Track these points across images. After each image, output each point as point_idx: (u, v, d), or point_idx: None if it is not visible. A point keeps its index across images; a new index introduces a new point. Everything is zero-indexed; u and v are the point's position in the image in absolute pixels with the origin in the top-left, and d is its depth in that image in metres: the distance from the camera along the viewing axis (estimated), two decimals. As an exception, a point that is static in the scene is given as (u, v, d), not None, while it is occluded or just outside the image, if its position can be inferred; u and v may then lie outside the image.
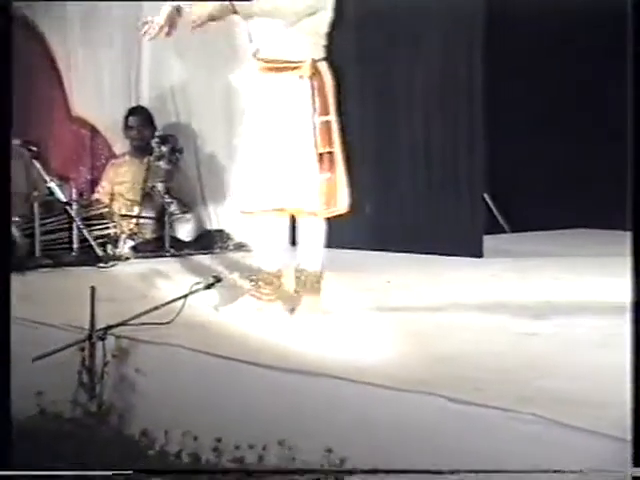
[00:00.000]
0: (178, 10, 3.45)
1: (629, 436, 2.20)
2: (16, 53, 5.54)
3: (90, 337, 2.96)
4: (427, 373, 2.75)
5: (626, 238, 5.91)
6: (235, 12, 3.38)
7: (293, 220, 3.65)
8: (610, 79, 5.80)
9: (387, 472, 2.35)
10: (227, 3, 3.36)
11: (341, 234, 3.80)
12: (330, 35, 3.52)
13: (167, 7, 3.43)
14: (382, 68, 5.23)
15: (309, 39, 3.44)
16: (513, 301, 3.87)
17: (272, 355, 2.95)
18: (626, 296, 3.94)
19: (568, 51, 5.99)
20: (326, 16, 3.47)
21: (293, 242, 3.68)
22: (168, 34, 3.46)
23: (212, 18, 3.41)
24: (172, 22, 3.44)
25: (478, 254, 5.03)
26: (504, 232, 6.06)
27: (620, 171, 6.24)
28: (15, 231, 4.69)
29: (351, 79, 4.94)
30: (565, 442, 2.27)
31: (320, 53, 3.49)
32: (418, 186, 5.19)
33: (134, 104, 5.61)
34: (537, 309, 3.66)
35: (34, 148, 4.96)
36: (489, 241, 5.19)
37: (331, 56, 3.54)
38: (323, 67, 3.49)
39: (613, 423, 2.27)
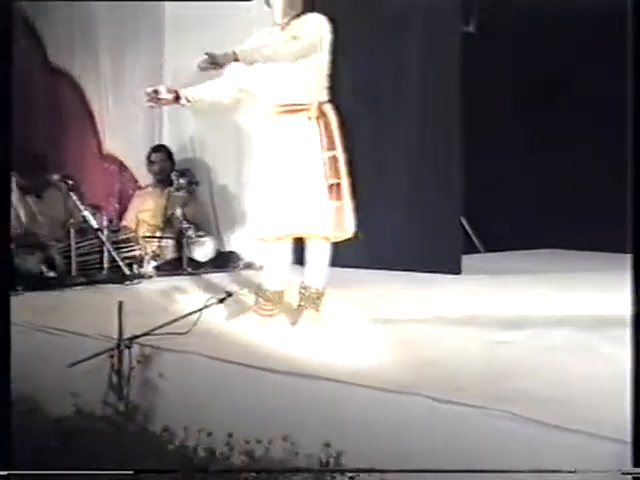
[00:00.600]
0: (177, 96, 3.48)
1: (595, 431, 2.18)
2: (59, 103, 5.62)
3: (118, 345, 2.95)
4: (415, 377, 2.73)
5: (589, 256, 5.91)
6: (237, 60, 3.32)
7: (300, 242, 3.62)
8: (588, 105, 5.84)
9: (385, 472, 2.32)
10: (230, 51, 3.32)
11: (338, 255, 3.80)
12: (332, 78, 3.50)
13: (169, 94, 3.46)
14: (370, 108, 5.23)
15: (314, 83, 3.43)
16: (489, 313, 3.84)
17: (278, 361, 2.93)
18: (592, 308, 3.96)
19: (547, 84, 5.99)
20: (324, 58, 3.45)
21: (298, 262, 3.64)
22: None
23: (215, 63, 3.32)
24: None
25: (457, 271, 5.00)
26: (479, 252, 6.04)
27: (585, 197, 6.27)
28: (55, 254, 4.70)
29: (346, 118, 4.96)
30: (535, 436, 2.26)
31: (324, 96, 3.48)
32: (405, 213, 5.17)
33: (157, 143, 5.62)
34: (511, 320, 3.62)
35: (71, 182, 4.94)
36: (466, 260, 5.16)
37: (335, 98, 3.53)
38: (328, 108, 3.47)
39: (581, 420, 2.25)
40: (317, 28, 3.41)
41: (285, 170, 3.43)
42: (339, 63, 3.59)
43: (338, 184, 3.45)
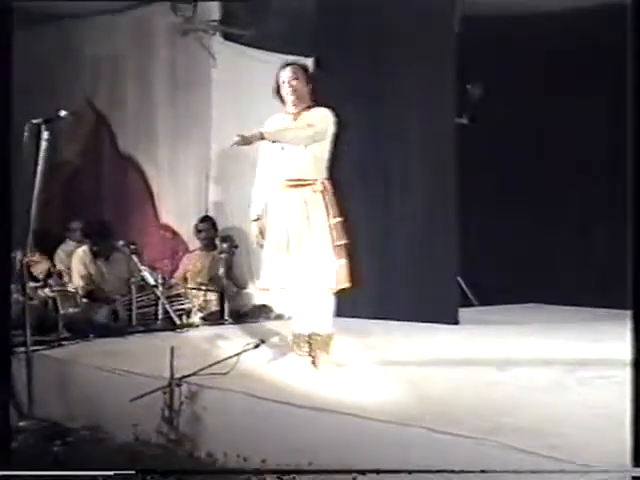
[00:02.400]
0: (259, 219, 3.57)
1: (573, 458, 2.17)
2: (125, 182, 5.78)
3: (170, 384, 2.96)
4: (417, 411, 2.73)
5: (568, 311, 5.89)
6: (263, 138, 3.44)
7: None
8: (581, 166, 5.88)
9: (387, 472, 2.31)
10: (257, 132, 3.42)
11: (350, 306, 3.81)
12: (331, 160, 3.57)
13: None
14: (381, 184, 5.28)
15: (317, 164, 3.51)
16: (483, 357, 3.82)
17: (300, 397, 2.93)
18: (567, 353, 3.94)
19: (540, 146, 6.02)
20: (327, 145, 3.54)
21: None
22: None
23: (246, 142, 3.41)
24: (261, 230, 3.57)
25: (455, 322, 4.98)
26: (473, 305, 6.00)
27: (567, 255, 6.29)
28: (118, 306, 4.74)
29: (355, 189, 5.01)
30: (520, 462, 2.25)
31: (325, 174, 3.54)
32: (409, 271, 5.16)
33: (203, 214, 5.70)
34: (501, 364, 3.58)
35: (133, 246, 4.99)
36: (462, 312, 5.13)
37: (337, 174, 3.59)
38: (328, 184, 3.53)
39: (560, 448, 2.25)
40: (326, 120, 3.53)
41: (296, 234, 3.47)
42: (353, 146, 3.66)
43: (342, 245, 3.49)
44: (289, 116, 3.59)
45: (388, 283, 5.19)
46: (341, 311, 3.63)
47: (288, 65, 3.60)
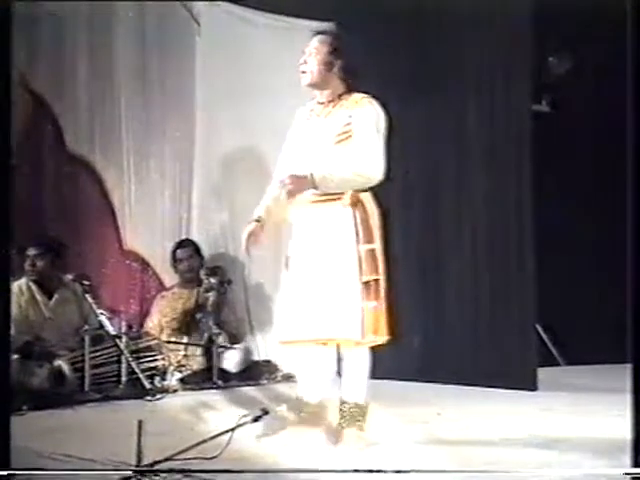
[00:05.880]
0: (259, 221, 3.65)
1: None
2: (75, 192, 5.75)
3: (137, 473, 2.94)
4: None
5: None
6: (315, 187, 3.49)
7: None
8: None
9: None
10: (309, 176, 3.47)
11: (387, 364, 3.82)
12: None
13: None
14: (427, 197, 5.39)
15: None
16: (570, 437, 3.81)
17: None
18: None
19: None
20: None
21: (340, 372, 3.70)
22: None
23: (294, 195, 3.52)
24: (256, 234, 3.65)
25: (532, 387, 5.01)
26: (558, 365, 6.02)
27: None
28: (65, 365, 4.72)
29: (398, 210, 5.08)
30: None
31: None
32: (468, 317, 5.23)
33: (183, 237, 5.79)
34: (598, 447, 3.55)
35: (86, 282, 5.01)
36: (543, 374, 5.15)
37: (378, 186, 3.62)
38: (366, 197, 3.56)
39: None
40: (380, 128, 3.55)
41: (316, 264, 3.52)
42: (396, 147, 3.72)
43: (376, 281, 3.50)
44: (319, 107, 3.64)
45: (438, 333, 5.23)
46: (373, 370, 3.64)
47: (315, 35, 3.67)
